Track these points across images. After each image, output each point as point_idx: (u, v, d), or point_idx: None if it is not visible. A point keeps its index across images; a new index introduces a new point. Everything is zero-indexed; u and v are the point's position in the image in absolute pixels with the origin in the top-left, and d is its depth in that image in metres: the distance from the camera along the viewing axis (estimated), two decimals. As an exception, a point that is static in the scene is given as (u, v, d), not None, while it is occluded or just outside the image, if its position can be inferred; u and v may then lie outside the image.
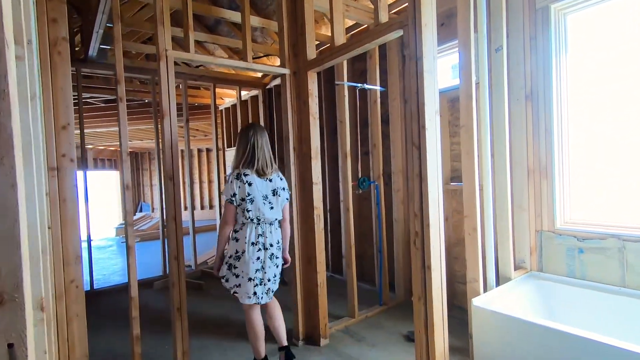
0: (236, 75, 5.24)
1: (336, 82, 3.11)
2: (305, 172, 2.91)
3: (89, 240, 4.48)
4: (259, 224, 2.19)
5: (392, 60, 3.49)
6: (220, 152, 5.75)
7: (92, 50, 3.94)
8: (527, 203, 2.63)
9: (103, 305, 3.93)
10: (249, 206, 2.16)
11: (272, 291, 2.28)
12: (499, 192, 2.50)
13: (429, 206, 1.94)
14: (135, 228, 10.22)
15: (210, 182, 12.00)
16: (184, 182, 12.65)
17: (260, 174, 2.21)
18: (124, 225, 10.30)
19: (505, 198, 2.48)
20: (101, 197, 12.40)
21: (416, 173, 1.99)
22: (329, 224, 4.51)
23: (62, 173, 2.03)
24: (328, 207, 4.50)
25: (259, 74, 5.44)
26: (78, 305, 2.07)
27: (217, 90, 6.43)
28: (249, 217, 2.15)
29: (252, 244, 2.16)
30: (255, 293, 2.18)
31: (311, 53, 2.76)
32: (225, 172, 6.89)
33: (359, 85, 3.18)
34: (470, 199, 2.25)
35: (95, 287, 4.40)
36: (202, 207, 11.57)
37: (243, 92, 5.92)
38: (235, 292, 2.20)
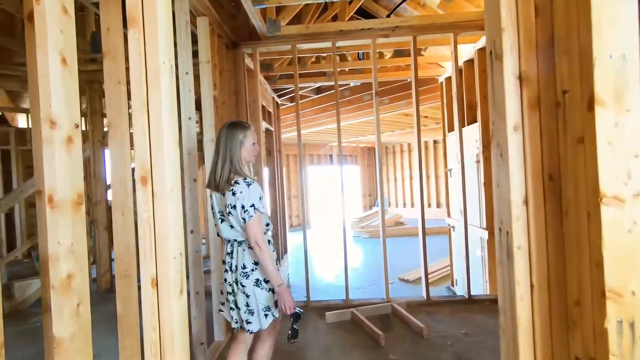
0: (448, 16, 3.25)
1: None
2: (569, 157, 0.80)
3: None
4: (228, 241, 1.77)
5: None
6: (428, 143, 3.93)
7: (254, 20, 3.06)
8: None
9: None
10: (211, 219, 1.95)
11: (248, 324, 1.68)
12: None
13: None
14: (366, 223, 9.73)
15: (437, 177, 10.55)
16: (404, 178, 11.54)
17: (211, 186, 1.76)
18: (357, 220, 10.02)
19: None
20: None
21: None
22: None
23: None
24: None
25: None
26: None
27: (428, 50, 4.59)
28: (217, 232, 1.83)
29: (223, 262, 1.81)
30: (232, 317, 1.75)
31: None
32: (445, 167, 4.97)
33: None
34: None
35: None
36: (435, 205, 10.00)
37: (464, 51, 3.84)
38: None
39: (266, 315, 1.68)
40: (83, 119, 4.48)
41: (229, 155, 1.69)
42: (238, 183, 1.64)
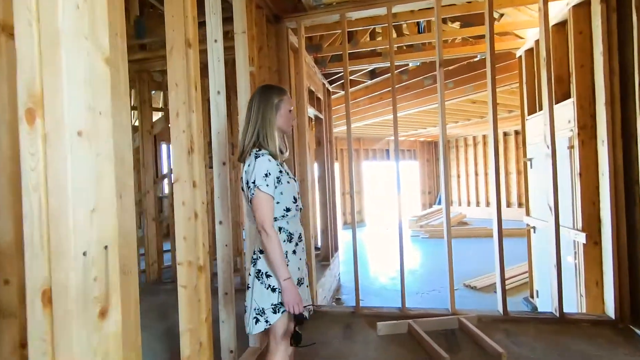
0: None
1: None
2: None
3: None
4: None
5: None
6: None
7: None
8: None
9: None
10: None
11: (250, 327, 1.37)
12: None
13: None
14: (425, 222, 8.95)
15: (507, 173, 9.31)
16: (468, 174, 10.51)
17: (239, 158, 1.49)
18: (415, 219, 9.27)
19: None
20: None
21: None
22: None
23: None
24: None
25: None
26: None
27: (503, 19, 3.84)
28: None
29: None
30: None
31: None
32: (524, 156, 4.16)
33: None
34: None
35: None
36: (505, 204, 8.83)
37: (555, 8, 3.06)
38: None
39: (256, 320, 1.36)
40: (133, 112, 4.47)
41: (259, 122, 1.43)
42: (249, 155, 1.42)
